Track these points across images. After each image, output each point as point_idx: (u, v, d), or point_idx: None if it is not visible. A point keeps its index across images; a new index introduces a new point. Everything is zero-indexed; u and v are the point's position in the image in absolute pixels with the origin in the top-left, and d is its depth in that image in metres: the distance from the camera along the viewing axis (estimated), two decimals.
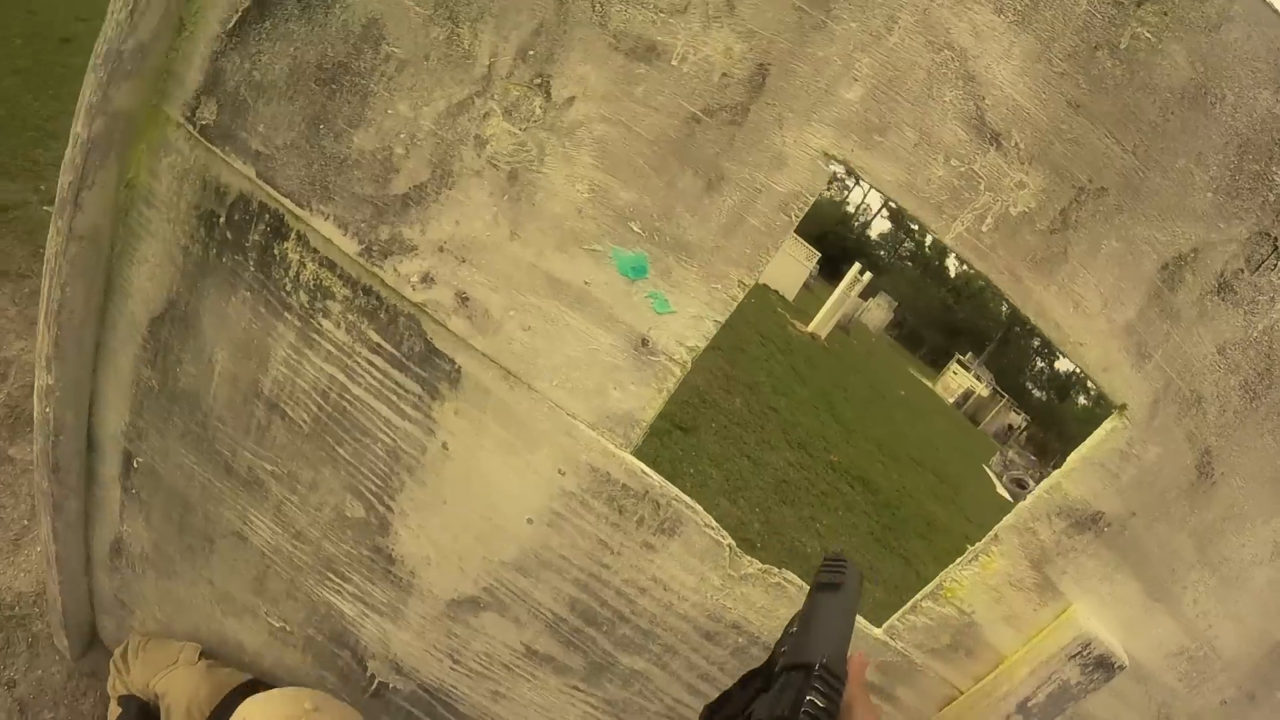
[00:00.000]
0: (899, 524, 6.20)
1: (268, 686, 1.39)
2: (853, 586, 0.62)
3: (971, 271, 0.96)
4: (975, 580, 1.13)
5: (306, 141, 1.03)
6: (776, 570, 1.16)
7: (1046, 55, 0.86)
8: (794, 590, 1.16)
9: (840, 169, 1.02)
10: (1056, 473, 1.05)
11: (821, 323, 11.70)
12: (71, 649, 1.88)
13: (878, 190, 0.97)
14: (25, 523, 2.23)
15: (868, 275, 14.33)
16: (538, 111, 0.97)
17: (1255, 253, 0.90)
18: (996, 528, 1.10)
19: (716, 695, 0.63)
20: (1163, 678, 1.14)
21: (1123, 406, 0.98)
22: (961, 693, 1.19)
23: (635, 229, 0.99)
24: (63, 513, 1.50)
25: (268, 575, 1.41)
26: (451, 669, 1.34)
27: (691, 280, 1.00)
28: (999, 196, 0.91)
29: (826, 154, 0.95)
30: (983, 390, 22.86)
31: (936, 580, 1.15)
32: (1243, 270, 0.89)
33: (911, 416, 12.40)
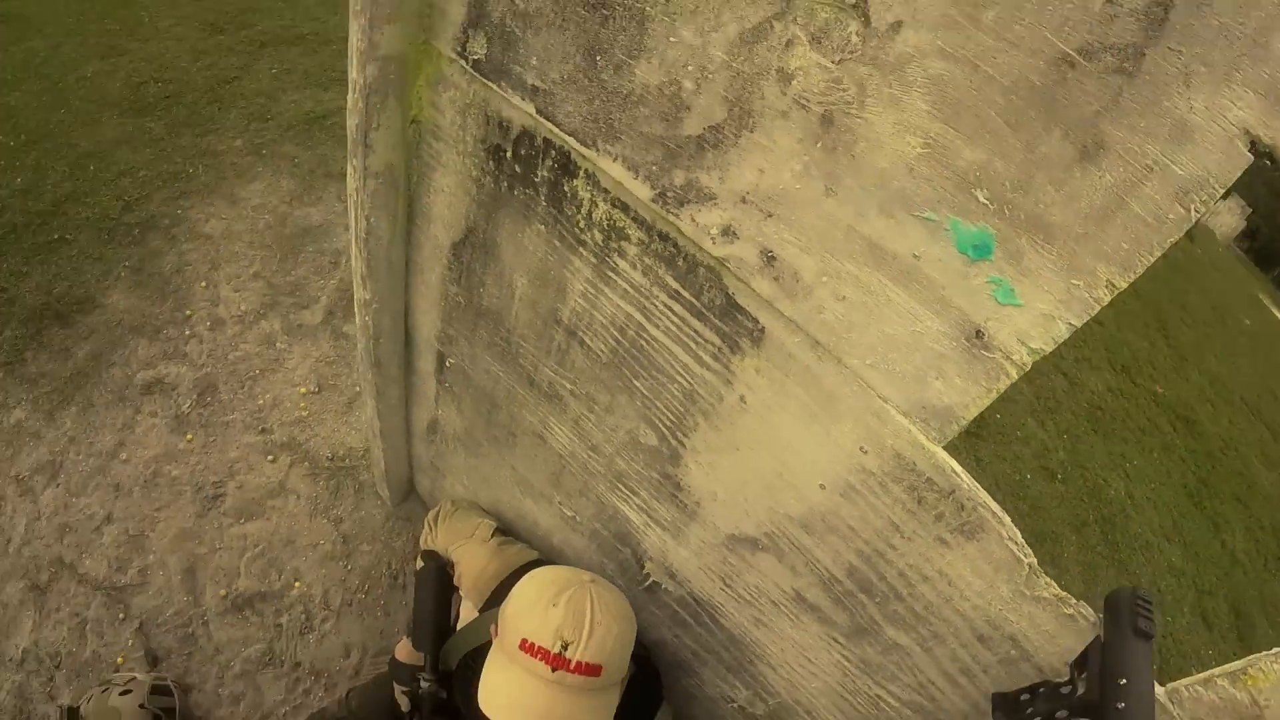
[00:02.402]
0: (1217, 480, 4.98)
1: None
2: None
3: None
4: None
5: (585, 75, 0.90)
6: (1074, 601, 0.94)
7: None
8: (1085, 625, 0.95)
9: (1265, 152, 0.61)
10: None
11: None
12: (391, 498, 2.20)
13: None
14: (357, 389, 2.62)
15: None
16: (854, 40, 0.71)
17: None
18: None
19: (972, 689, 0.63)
20: None
21: None
22: None
23: (981, 199, 0.71)
24: (385, 398, 1.77)
25: (563, 473, 1.49)
26: (721, 589, 1.37)
27: (1046, 270, 0.72)
28: None
29: (1248, 132, 0.57)
30: None
31: (1242, 663, 0.86)
32: None
33: (1254, 352, 9.56)
